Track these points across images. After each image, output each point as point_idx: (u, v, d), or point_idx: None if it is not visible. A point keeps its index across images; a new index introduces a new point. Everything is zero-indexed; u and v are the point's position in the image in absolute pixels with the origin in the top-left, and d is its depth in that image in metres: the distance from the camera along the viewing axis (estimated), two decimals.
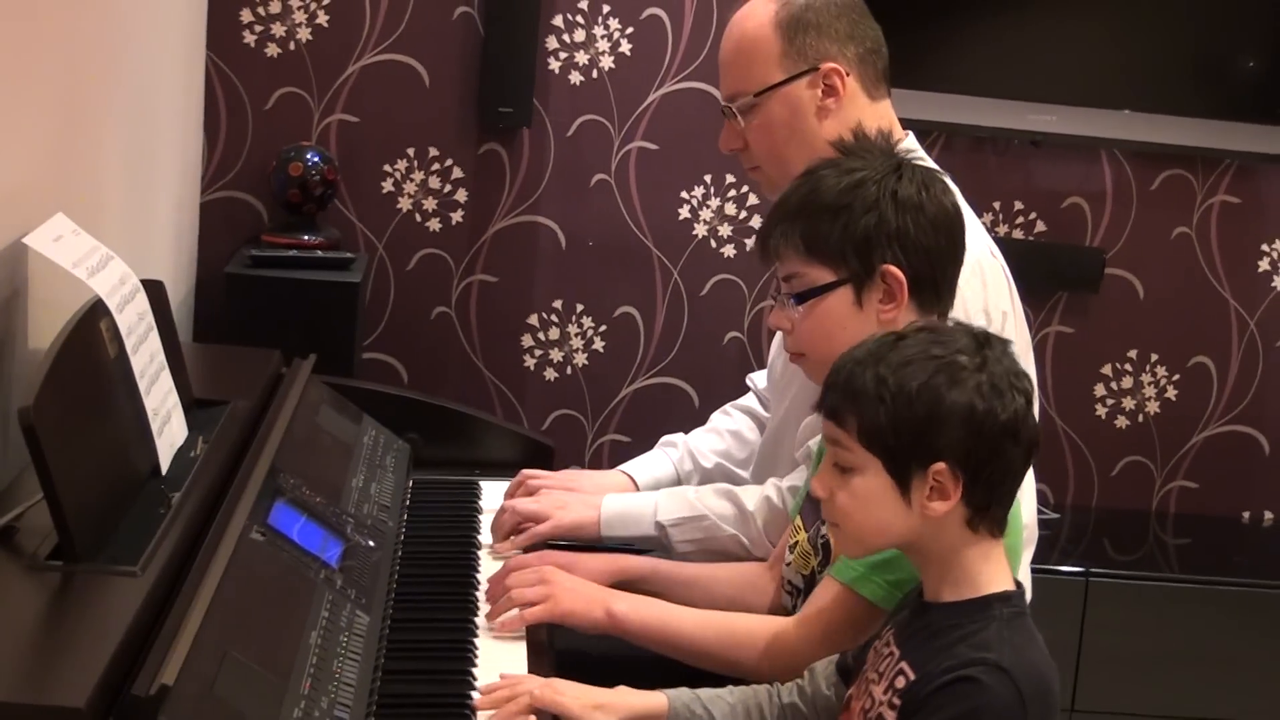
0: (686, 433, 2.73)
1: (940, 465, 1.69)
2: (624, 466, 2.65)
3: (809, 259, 2.04)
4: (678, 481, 2.64)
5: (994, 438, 1.70)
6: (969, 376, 1.70)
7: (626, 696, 1.89)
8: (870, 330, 1.92)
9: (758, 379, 2.77)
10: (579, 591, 2.11)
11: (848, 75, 2.38)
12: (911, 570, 1.85)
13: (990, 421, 1.69)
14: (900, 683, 1.71)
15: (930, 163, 2.40)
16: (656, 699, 1.89)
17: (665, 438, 2.72)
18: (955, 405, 1.68)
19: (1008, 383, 1.71)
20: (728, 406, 2.76)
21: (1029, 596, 2.35)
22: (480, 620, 2.14)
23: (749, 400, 2.76)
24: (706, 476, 2.63)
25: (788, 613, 2.13)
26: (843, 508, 1.75)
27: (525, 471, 2.56)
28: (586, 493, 2.51)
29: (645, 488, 2.59)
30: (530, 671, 2.00)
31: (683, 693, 1.91)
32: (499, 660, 2.03)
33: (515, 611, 2.09)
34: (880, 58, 2.43)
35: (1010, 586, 1.76)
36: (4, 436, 2.04)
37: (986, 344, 1.74)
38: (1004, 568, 1.76)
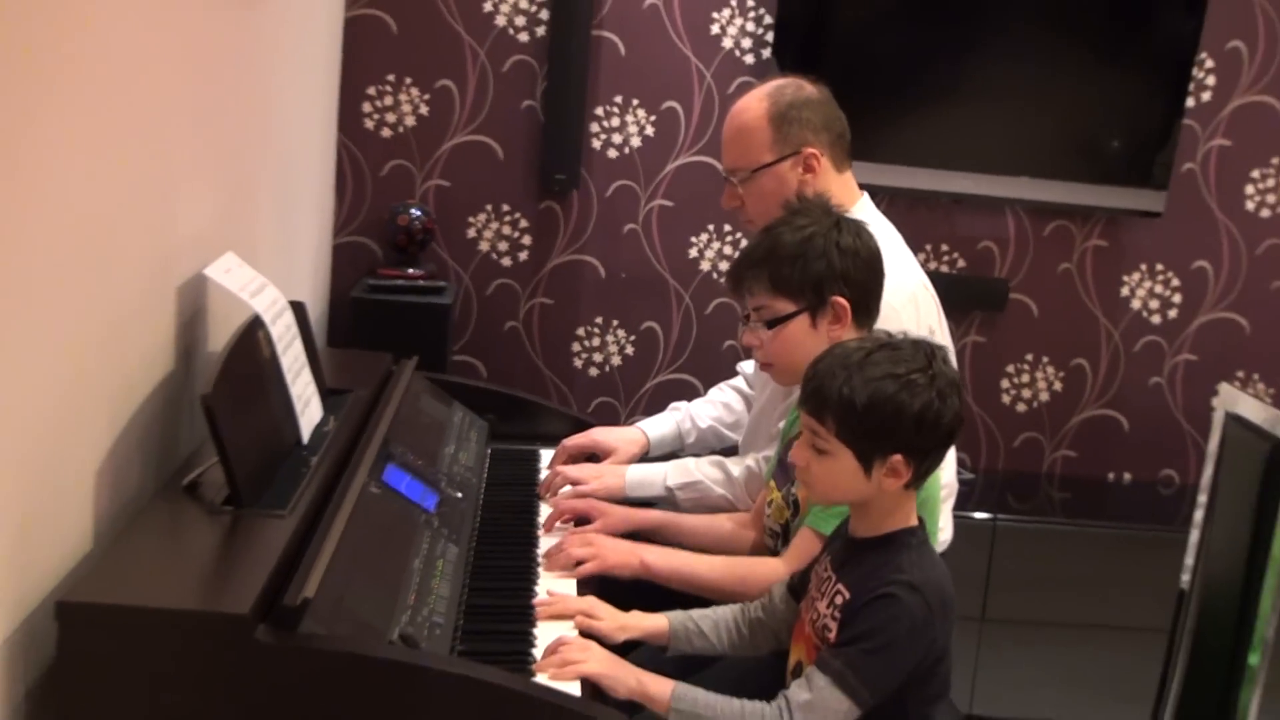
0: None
1: (898, 456, 1.69)
2: (640, 423, 2.65)
3: (775, 294, 2.04)
4: (679, 436, 2.65)
5: (938, 436, 1.70)
6: (922, 391, 1.68)
7: (641, 618, 1.90)
8: (822, 344, 1.91)
9: (745, 366, 2.77)
10: (619, 548, 2.10)
11: (822, 156, 2.35)
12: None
13: (938, 424, 1.69)
14: (839, 599, 1.72)
15: (879, 216, 2.41)
16: (660, 619, 1.90)
17: (674, 403, 2.73)
18: (912, 414, 1.68)
19: (950, 388, 1.70)
20: (721, 384, 2.77)
21: (950, 535, 2.36)
22: (540, 551, 2.14)
23: (738, 380, 2.77)
24: (701, 435, 2.65)
25: (770, 552, 2.13)
26: (817, 476, 1.75)
27: (566, 440, 2.57)
28: (613, 444, 2.54)
29: (653, 439, 2.60)
30: (578, 592, 2.01)
31: (678, 613, 1.91)
32: (554, 581, 2.05)
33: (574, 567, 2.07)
34: (845, 140, 2.40)
35: (914, 523, 1.76)
36: (191, 416, 2.07)
37: (933, 356, 1.72)
38: (912, 510, 1.77)
